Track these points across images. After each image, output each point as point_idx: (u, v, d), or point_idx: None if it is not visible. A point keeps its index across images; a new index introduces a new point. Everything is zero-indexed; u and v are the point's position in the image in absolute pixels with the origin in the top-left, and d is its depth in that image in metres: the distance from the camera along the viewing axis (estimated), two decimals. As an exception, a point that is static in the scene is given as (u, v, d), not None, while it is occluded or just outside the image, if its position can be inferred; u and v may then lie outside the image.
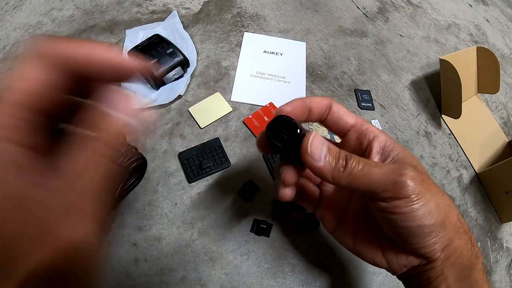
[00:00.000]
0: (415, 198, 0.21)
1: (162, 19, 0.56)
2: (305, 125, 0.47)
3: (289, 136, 0.22)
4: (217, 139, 0.44)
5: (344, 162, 0.21)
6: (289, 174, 0.24)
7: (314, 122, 0.27)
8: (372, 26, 0.63)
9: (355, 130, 0.26)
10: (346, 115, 0.26)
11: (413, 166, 0.22)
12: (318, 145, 0.21)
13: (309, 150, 0.21)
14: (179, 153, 0.43)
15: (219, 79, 0.50)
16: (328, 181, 0.22)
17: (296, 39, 0.57)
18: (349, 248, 0.26)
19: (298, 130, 0.22)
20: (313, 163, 0.21)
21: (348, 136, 0.26)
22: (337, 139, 0.47)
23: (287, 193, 0.25)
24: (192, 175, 0.41)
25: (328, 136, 0.47)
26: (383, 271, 0.27)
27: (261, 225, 0.38)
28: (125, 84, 0.47)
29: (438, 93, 0.53)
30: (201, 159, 0.42)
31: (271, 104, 0.48)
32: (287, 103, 0.25)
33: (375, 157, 0.24)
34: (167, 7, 0.59)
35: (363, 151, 0.25)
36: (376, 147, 0.24)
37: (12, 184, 0.13)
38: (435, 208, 0.21)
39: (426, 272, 0.22)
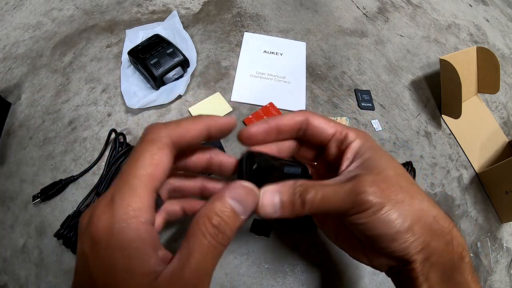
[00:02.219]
0: (372, 211, 0.21)
1: (162, 19, 0.56)
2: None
3: (251, 174, 0.22)
4: (218, 140, 0.44)
5: (300, 199, 0.22)
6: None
7: (289, 140, 0.27)
8: (372, 26, 0.63)
9: (335, 139, 0.26)
10: (326, 126, 0.26)
11: (378, 173, 0.22)
12: (269, 202, 0.22)
13: (263, 211, 0.22)
14: None
15: (219, 79, 0.50)
16: (294, 218, 0.23)
17: (296, 39, 0.57)
18: (336, 245, 0.28)
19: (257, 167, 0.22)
20: (271, 215, 0.22)
21: (329, 146, 0.26)
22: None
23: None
24: (192, 175, 0.41)
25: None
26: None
27: (261, 225, 0.38)
28: (125, 84, 0.47)
29: (438, 93, 0.53)
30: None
31: (271, 104, 0.48)
32: (255, 123, 0.25)
33: (344, 164, 0.24)
34: (167, 7, 0.59)
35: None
36: (348, 155, 0.25)
37: (153, 259, 0.17)
38: (398, 216, 0.21)
39: (407, 272, 0.23)
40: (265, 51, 0.55)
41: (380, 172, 0.22)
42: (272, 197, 0.22)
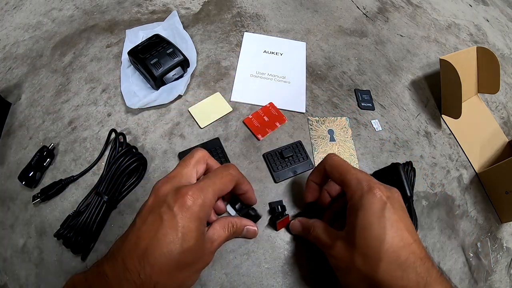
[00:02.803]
0: (334, 270, 0.31)
1: (162, 19, 0.56)
2: (305, 126, 0.47)
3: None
4: (217, 139, 0.44)
5: (307, 231, 0.35)
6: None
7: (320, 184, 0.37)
8: (372, 26, 0.63)
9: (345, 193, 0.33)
10: (336, 181, 0.33)
11: (343, 239, 0.30)
12: (295, 225, 0.37)
13: (293, 231, 0.38)
14: (179, 153, 0.43)
15: (219, 79, 0.50)
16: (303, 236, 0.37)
17: (296, 39, 0.57)
18: None
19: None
20: (296, 233, 0.38)
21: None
22: (338, 141, 0.47)
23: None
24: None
25: (329, 136, 0.47)
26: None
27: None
28: (125, 84, 0.47)
29: (438, 93, 0.53)
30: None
31: (271, 104, 0.48)
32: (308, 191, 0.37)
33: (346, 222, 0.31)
34: (167, 7, 0.59)
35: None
36: (347, 213, 0.31)
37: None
38: (350, 280, 0.29)
39: None
40: (265, 51, 0.55)
41: (350, 239, 0.29)
42: (297, 224, 0.37)
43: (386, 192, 0.29)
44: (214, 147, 0.43)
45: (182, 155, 0.42)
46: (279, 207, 0.38)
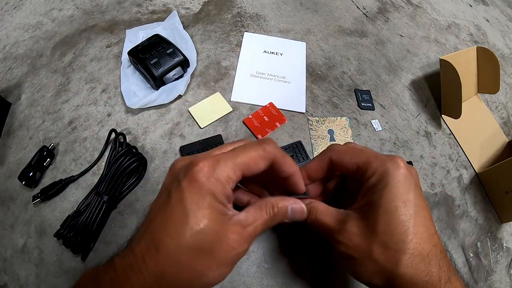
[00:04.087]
0: (342, 258, 0.26)
1: (162, 19, 0.56)
2: (305, 126, 0.47)
3: None
4: (219, 135, 0.44)
5: (309, 211, 0.28)
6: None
7: (322, 178, 0.32)
8: (372, 26, 0.63)
9: (357, 175, 0.28)
10: (348, 163, 0.28)
11: (369, 222, 0.24)
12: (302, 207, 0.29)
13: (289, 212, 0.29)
14: (180, 147, 0.43)
15: (219, 79, 0.50)
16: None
17: (296, 39, 0.57)
18: None
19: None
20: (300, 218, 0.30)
21: (349, 180, 0.31)
22: (338, 141, 0.47)
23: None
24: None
25: (329, 136, 0.47)
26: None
27: None
28: (125, 84, 0.47)
29: (438, 93, 0.53)
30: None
31: (271, 104, 0.48)
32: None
33: (357, 200, 0.27)
34: (167, 7, 0.59)
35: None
36: (361, 191, 0.27)
37: (229, 206, 0.24)
38: (363, 271, 0.25)
39: None
40: (265, 51, 0.55)
41: (369, 224, 0.24)
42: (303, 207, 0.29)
43: (410, 168, 0.25)
44: (216, 144, 0.43)
45: (183, 150, 0.42)
46: None
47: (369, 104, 0.51)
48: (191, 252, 0.21)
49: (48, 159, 0.40)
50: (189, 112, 0.46)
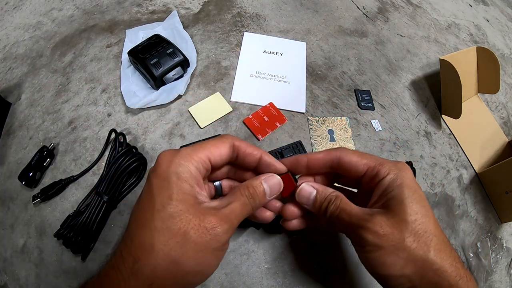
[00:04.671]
0: (368, 249, 0.24)
1: (162, 19, 0.56)
2: (305, 126, 0.47)
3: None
4: (219, 135, 0.44)
5: (327, 203, 0.27)
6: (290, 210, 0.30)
7: (318, 174, 0.31)
8: (372, 26, 0.63)
9: (367, 176, 0.28)
10: (358, 164, 0.28)
11: (394, 215, 0.24)
12: (308, 190, 0.28)
13: (298, 197, 0.29)
14: (180, 147, 0.43)
15: (219, 79, 0.50)
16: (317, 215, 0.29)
17: (296, 39, 0.57)
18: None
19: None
20: (304, 203, 0.29)
21: (362, 181, 0.29)
22: (338, 141, 0.47)
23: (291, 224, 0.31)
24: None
25: (329, 136, 0.47)
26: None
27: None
28: (125, 84, 0.47)
29: (438, 93, 0.53)
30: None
31: (271, 104, 0.48)
32: (286, 158, 0.30)
33: (372, 200, 0.27)
34: (167, 7, 0.59)
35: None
36: (376, 191, 0.27)
37: (197, 189, 0.24)
38: (393, 261, 0.23)
39: None
40: (265, 51, 0.55)
41: (397, 214, 0.24)
42: (310, 190, 0.28)
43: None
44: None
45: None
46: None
47: (369, 104, 0.51)
48: (163, 236, 0.21)
49: (48, 159, 0.40)
50: (189, 112, 0.46)
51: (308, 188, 0.28)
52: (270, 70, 0.53)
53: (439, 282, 0.23)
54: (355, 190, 0.32)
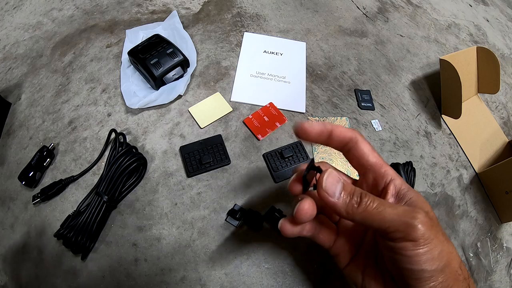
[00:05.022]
0: (422, 243, 0.22)
1: (162, 19, 0.56)
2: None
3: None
4: (219, 136, 0.44)
5: (358, 199, 0.23)
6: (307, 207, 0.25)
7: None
8: (372, 26, 0.63)
9: (374, 171, 0.27)
10: (369, 154, 0.27)
11: (425, 212, 0.23)
12: (333, 182, 0.24)
13: (324, 186, 0.24)
14: (180, 147, 0.43)
15: (219, 79, 0.50)
16: (343, 216, 0.24)
17: (296, 39, 0.57)
18: (358, 285, 0.28)
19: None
20: (327, 198, 0.24)
21: (367, 175, 0.27)
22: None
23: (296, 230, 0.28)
24: (191, 169, 0.41)
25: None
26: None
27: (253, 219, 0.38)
28: (125, 84, 0.47)
29: (438, 93, 0.53)
30: (202, 154, 0.42)
31: (271, 104, 0.48)
32: (311, 122, 0.27)
33: (390, 199, 0.25)
34: (167, 7, 0.59)
35: (379, 192, 0.27)
36: (391, 190, 0.26)
37: None
38: (438, 254, 0.22)
39: None
40: (265, 51, 0.55)
41: (427, 212, 0.23)
42: (336, 182, 0.24)
43: None
44: (216, 144, 0.43)
45: (183, 150, 0.42)
46: (276, 214, 0.37)
47: (369, 104, 0.51)
48: None
49: (48, 159, 0.40)
50: (189, 112, 0.46)
51: (335, 180, 0.24)
52: (270, 70, 0.53)
53: (462, 276, 0.23)
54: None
